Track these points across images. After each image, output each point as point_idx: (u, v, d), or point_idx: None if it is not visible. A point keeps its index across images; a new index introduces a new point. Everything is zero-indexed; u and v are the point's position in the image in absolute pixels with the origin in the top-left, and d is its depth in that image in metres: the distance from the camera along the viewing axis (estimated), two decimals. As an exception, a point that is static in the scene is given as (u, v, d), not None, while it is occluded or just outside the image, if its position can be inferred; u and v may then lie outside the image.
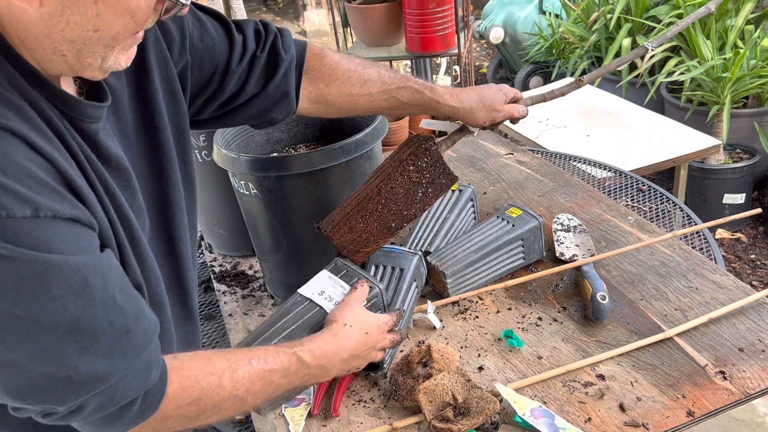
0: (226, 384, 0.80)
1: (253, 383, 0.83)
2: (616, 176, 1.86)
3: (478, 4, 5.59)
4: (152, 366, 0.72)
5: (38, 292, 0.60)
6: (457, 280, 1.31)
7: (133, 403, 0.72)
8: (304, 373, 0.89)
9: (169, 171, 0.87)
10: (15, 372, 0.63)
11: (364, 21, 2.70)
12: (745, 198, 3.03)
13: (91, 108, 0.72)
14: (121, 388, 0.69)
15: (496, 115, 1.19)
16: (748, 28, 3.16)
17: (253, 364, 0.83)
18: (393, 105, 1.13)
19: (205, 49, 0.93)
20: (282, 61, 1.00)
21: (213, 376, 0.79)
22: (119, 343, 0.68)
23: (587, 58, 3.87)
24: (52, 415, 0.68)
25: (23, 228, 0.58)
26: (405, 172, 1.12)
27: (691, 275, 1.30)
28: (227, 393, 0.80)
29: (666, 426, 0.98)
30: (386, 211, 1.12)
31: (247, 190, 1.27)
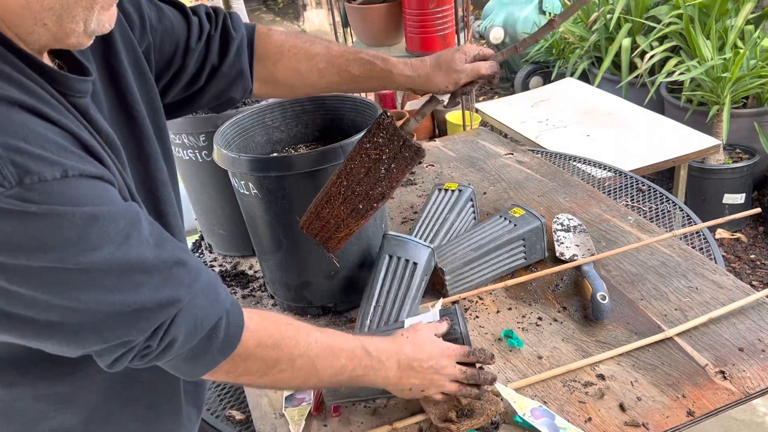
0: (302, 341, 0.83)
1: (323, 351, 0.86)
2: (616, 176, 1.86)
3: (478, 4, 5.59)
4: (218, 287, 0.76)
5: (81, 244, 0.63)
6: (456, 277, 1.31)
7: (217, 329, 0.75)
8: (366, 364, 0.91)
9: (148, 149, 0.88)
10: (86, 316, 0.66)
11: (364, 21, 2.70)
12: (745, 198, 3.03)
13: (78, 82, 0.72)
14: (196, 309, 0.73)
15: (458, 77, 1.12)
16: (748, 28, 3.16)
17: (325, 334, 0.87)
18: (345, 79, 1.12)
19: (165, 30, 0.96)
20: (233, 39, 1.04)
21: (290, 327, 0.83)
22: (173, 273, 0.71)
23: (587, 58, 3.87)
24: (147, 354, 0.72)
25: (56, 189, 0.61)
26: (362, 150, 1.08)
27: (691, 275, 1.30)
28: (302, 349, 0.83)
29: (666, 426, 0.99)
30: (350, 193, 1.09)
31: (247, 190, 1.27)
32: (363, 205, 1.08)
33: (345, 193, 1.09)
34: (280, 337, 0.82)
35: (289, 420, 1.09)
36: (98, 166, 0.67)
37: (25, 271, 0.61)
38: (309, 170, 1.21)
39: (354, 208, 1.09)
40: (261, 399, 1.16)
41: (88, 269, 0.64)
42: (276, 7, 9.16)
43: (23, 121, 0.61)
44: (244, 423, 1.18)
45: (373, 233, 1.35)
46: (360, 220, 1.09)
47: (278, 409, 1.13)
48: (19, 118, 0.61)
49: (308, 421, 1.09)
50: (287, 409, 1.12)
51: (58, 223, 0.61)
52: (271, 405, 1.14)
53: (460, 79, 1.12)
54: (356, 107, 1.42)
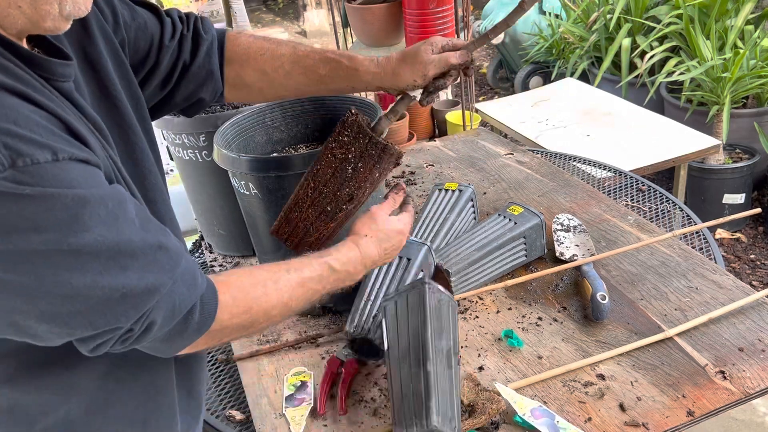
0: (271, 292, 0.86)
1: (294, 290, 0.89)
2: (616, 176, 1.86)
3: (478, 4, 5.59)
4: (195, 273, 0.78)
5: (74, 226, 0.64)
6: (461, 278, 1.31)
7: (192, 312, 0.77)
8: (334, 278, 0.96)
9: (133, 137, 0.89)
10: (77, 301, 0.67)
11: (363, 21, 2.70)
12: (745, 198, 3.03)
13: (60, 66, 0.73)
14: (176, 296, 0.74)
15: (425, 69, 1.07)
16: (748, 28, 3.16)
17: (291, 273, 0.90)
18: (312, 79, 1.11)
19: (138, 27, 0.97)
20: (203, 40, 1.05)
21: (259, 285, 0.86)
22: (156, 257, 0.72)
23: (587, 59, 3.87)
24: (128, 339, 0.73)
25: (48, 171, 0.62)
26: (328, 150, 1.05)
27: (691, 275, 1.30)
28: (274, 300, 0.87)
29: (666, 426, 0.99)
30: (318, 195, 1.06)
31: (247, 190, 1.27)
32: (331, 207, 1.06)
33: (312, 195, 1.06)
34: (252, 301, 0.84)
35: (289, 420, 1.09)
36: (84, 150, 0.67)
37: (18, 256, 0.62)
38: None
39: (322, 210, 1.06)
40: (261, 399, 1.16)
41: (80, 251, 0.64)
42: (276, 7, 9.15)
43: (12, 105, 0.62)
44: (244, 423, 1.18)
45: (373, 233, 1.35)
46: (329, 222, 1.06)
47: (278, 409, 1.13)
48: (7, 102, 0.61)
49: (309, 421, 1.09)
50: (287, 409, 1.12)
51: (51, 204, 0.62)
52: (271, 405, 1.14)
53: (427, 70, 1.07)
54: (356, 107, 1.42)
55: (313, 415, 1.10)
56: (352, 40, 2.98)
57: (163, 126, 1.56)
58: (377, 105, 1.36)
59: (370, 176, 1.05)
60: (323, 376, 1.16)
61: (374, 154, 1.04)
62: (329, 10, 2.93)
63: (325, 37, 7.49)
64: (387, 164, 1.06)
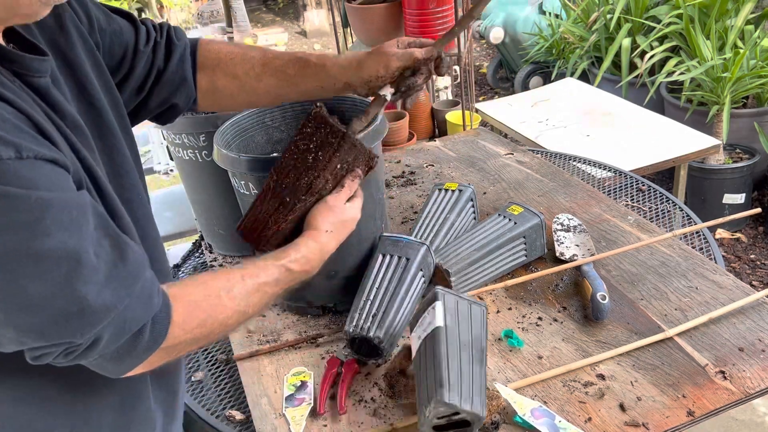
0: (226, 302, 0.85)
1: (251, 296, 0.88)
2: (616, 176, 1.86)
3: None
4: (153, 292, 0.76)
5: (36, 229, 0.62)
6: (461, 278, 1.31)
7: (142, 331, 0.75)
8: (291, 279, 0.96)
9: (111, 139, 0.89)
10: (33, 311, 0.65)
11: (363, 21, 2.70)
12: (745, 198, 3.03)
13: (36, 62, 0.72)
14: (129, 314, 0.72)
15: (388, 60, 1.06)
16: (748, 28, 3.16)
17: (246, 280, 0.89)
18: (282, 81, 1.10)
19: (113, 32, 0.97)
20: (176, 46, 1.06)
21: (212, 296, 0.84)
22: (115, 272, 0.70)
23: (587, 58, 3.87)
24: (73, 352, 0.71)
25: (10, 169, 0.60)
26: (291, 142, 1.05)
27: (691, 275, 1.30)
28: (229, 310, 0.86)
29: (666, 426, 0.99)
30: (278, 186, 1.04)
31: (247, 190, 1.27)
32: (290, 198, 1.04)
33: (273, 186, 1.05)
34: (205, 314, 0.83)
35: (289, 420, 1.09)
36: (52, 149, 0.66)
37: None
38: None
39: (281, 201, 1.04)
40: (261, 399, 1.16)
41: (41, 257, 0.62)
42: (276, 7, 9.15)
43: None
44: (244, 423, 1.18)
45: (373, 234, 1.35)
46: (288, 214, 1.03)
47: (278, 409, 1.13)
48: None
49: (309, 421, 1.09)
50: (287, 409, 1.12)
51: (13, 204, 0.60)
52: (271, 405, 1.14)
53: (390, 62, 1.06)
54: (356, 107, 1.42)
55: (313, 415, 1.10)
56: (352, 40, 2.98)
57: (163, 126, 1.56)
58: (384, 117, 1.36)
59: (330, 165, 1.02)
60: (323, 376, 1.16)
61: (333, 143, 1.02)
62: (329, 10, 2.93)
63: (325, 37, 7.48)
64: (349, 155, 1.03)
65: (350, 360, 1.18)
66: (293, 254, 0.96)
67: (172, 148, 1.60)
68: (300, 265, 0.96)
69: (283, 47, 7.37)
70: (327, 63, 1.09)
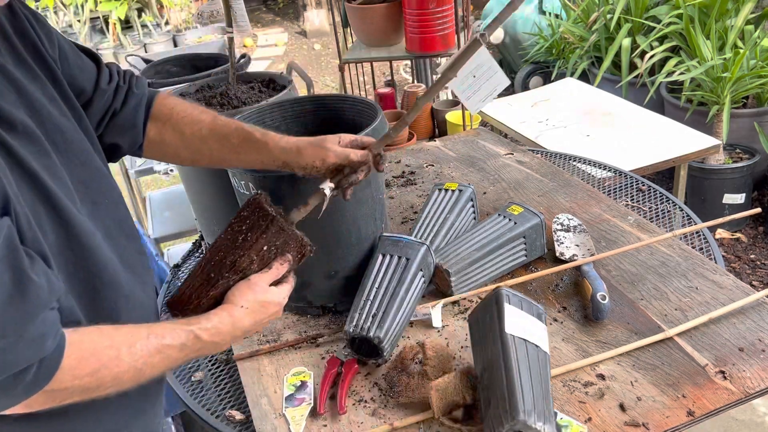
0: (124, 357, 0.83)
1: (152, 356, 0.87)
2: (616, 176, 1.86)
3: (478, 4, 5.59)
4: (47, 335, 0.74)
5: None
6: (461, 278, 1.31)
7: (26, 372, 0.73)
8: (198, 347, 0.94)
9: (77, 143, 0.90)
10: None
11: (363, 21, 2.70)
12: (745, 198, 3.03)
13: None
14: (13, 353, 0.70)
15: (326, 153, 1.10)
16: (748, 28, 3.16)
17: (151, 339, 0.87)
18: (226, 147, 1.14)
19: (78, 65, 1.02)
20: (134, 94, 1.11)
21: (111, 349, 0.83)
22: (8, 308, 0.69)
23: (587, 58, 3.87)
24: None
25: None
26: (229, 225, 1.08)
27: (691, 275, 1.30)
28: (126, 365, 0.84)
29: (666, 426, 0.99)
30: (207, 264, 1.06)
31: (247, 190, 1.27)
32: (214, 274, 1.05)
33: (204, 264, 1.06)
34: (100, 365, 0.81)
35: (289, 420, 1.09)
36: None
37: None
38: (309, 170, 1.21)
39: (207, 277, 1.05)
40: (261, 399, 1.16)
41: None
42: (276, 7, 9.15)
43: None
44: (244, 423, 1.18)
45: (373, 234, 1.35)
46: (210, 290, 1.04)
47: (278, 409, 1.13)
48: None
49: (309, 421, 1.09)
50: (287, 409, 1.12)
51: None
52: (271, 405, 1.14)
53: (327, 157, 1.10)
54: (356, 107, 1.42)
55: (313, 415, 1.10)
56: (352, 40, 2.99)
57: (163, 126, 1.56)
58: (377, 105, 1.36)
59: (255, 246, 1.04)
60: (323, 376, 1.16)
61: (262, 225, 1.05)
62: (329, 10, 2.93)
63: (325, 37, 7.48)
64: (276, 239, 1.04)
65: (350, 360, 1.18)
66: (204, 323, 0.95)
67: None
68: (210, 334, 0.94)
69: (283, 47, 7.37)
70: (270, 142, 1.12)
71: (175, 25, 7.21)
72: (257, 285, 1.02)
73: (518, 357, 0.96)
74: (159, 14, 7.28)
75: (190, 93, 1.78)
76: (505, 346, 0.97)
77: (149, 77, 2.70)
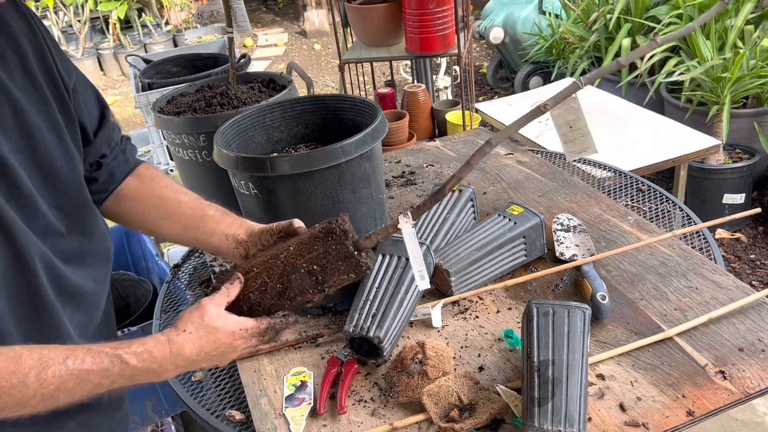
0: (31, 383, 0.80)
1: (65, 381, 0.83)
2: (615, 176, 1.86)
3: (478, 4, 5.59)
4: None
5: None
6: (461, 278, 1.31)
7: None
8: (131, 374, 0.89)
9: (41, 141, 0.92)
10: None
11: (363, 21, 2.70)
12: (745, 198, 3.03)
13: None
14: None
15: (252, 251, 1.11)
16: (748, 28, 3.16)
17: (68, 363, 0.84)
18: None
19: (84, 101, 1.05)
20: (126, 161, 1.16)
21: (16, 375, 0.79)
22: None
23: (587, 58, 3.87)
24: None
25: None
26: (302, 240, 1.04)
27: (691, 275, 1.30)
28: (31, 391, 0.81)
29: (666, 426, 0.99)
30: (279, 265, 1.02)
31: (247, 190, 1.27)
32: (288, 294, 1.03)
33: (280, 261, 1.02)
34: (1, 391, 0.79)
35: (289, 420, 1.09)
36: None
37: None
38: (309, 170, 1.21)
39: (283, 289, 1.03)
40: (261, 399, 1.16)
41: None
42: (276, 7, 9.15)
43: None
44: (244, 423, 1.18)
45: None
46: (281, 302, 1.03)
47: (278, 409, 1.13)
48: None
49: (309, 421, 1.09)
50: (287, 409, 1.12)
51: None
52: (271, 405, 1.14)
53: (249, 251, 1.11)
54: (356, 107, 1.42)
55: (312, 415, 1.10)
56: (352, 40, 2.99)
57: (163, 126, 1.56)
58: (377, 105, 1.36)
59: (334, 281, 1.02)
60: (323, 375, 1.16)
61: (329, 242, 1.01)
62: (329, 10, 2.93)
63: (325, 37, 7.49)
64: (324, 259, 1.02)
65: (350, 360, 1.18)
66: (135, 347, 0.89)
67: (172, 148, 1.60)
68: (140, 360, 0.88)
69: (283, 47, 7.38)
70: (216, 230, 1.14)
71: (175, 25, 7.21)
72: (206, 308, 0.95)
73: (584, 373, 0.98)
74: (159, 14, 7.28)
75: (190, 93, 1.78)
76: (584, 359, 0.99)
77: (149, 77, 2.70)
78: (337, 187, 1.26)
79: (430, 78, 3.33)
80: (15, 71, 0.90)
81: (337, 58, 2.78)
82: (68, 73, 1.00)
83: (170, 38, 6.89)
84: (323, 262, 1.00)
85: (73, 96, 1.00)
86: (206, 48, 3.58)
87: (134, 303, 2.47)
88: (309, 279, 1.01)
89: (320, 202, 1.26)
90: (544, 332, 1.01)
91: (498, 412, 1.02)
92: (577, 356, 0.98)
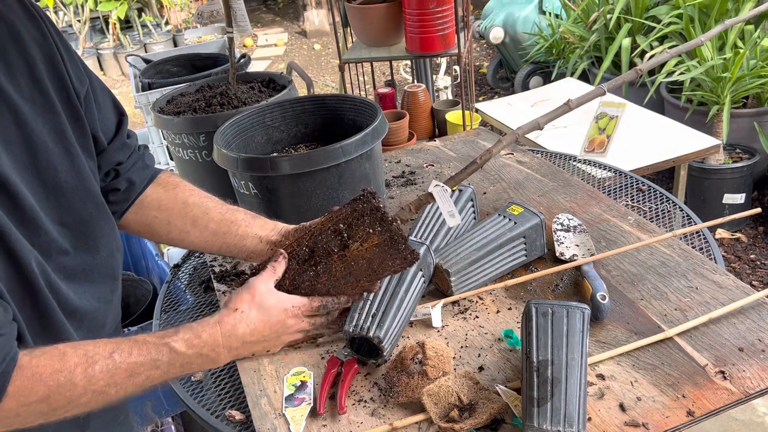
0: (79, 380, 0.79)
1: (114, 376, 0.81)
2: (616, 176, 1.86)
3: (478, 4, 5.59)
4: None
5: None
6: (461, 278, 1.31)
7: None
8: (182, 362, 0.88)
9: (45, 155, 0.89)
10: None
11: (363, 21, 2.70)
12: (745, 198, 3.03)
13: None
14: None
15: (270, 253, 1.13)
16: (748, 28, 3.16)
17: (115, 357, 0.82)
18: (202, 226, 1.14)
19: (99, 109, 1.01)
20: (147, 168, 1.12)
21: (62, 373, 0.78)
22: None
23: (587, 58, 3.87)
24: None
25: None
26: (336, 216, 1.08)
27: (691, 275, 1.30)
28: (81, 389, 0.79)
29: (666, 426, 0.99)
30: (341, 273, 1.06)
31: (247, 190, 1.27)
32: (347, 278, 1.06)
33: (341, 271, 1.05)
34: (51, 390, 0.77)
35: (289, 420, 1.09)
36: None
37: None
38: (309, 170, 1.21)
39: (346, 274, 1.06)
40: (261, 399, 1.16)
41: None
42: (276, 7, 9.15)
43: None
44: (244, 423, 1.18)
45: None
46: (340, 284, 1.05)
47: (278, 409, 1.13)
48: None
49: (309, 421, 1.09)
50: (287, 409, 1.12)
51: None
52: (271, 405, 1.14)
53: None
54: (356, 107, 1.42)
55: (312, 415, 1.10)
56: (352, 40, 2.99)
57: (163, 126, 1.56)
58: (377, 105, 1.36)
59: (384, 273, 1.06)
60: (323, 376, 1.16)
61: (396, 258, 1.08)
62: (329, 10, 2.93)
63: (325, 37, 7.49)
64: None
65: (350, 360, 1.18)
66: (183, 333, 0.88)
67: (172, 148, 1.60)
68: (189, 345, 0.87)
69: (283, 47, 7.38)
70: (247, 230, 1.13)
71: (175, 25, 7.21)
72: (255, 286, 0.94)
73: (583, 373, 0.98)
74: (159, 14, 7.29)
75: (190, 93, 1.78)
76: (583, 359, 0.99)
77: (149, 77, 2.70)
78: (337, 186, 1.26)
79: (430, 78, 3.33)
80: (21, 79, 0.87)
81: (337, 58, 2.78)
82: (80, 80, 0.96)
83: (170, 38, 6.89)
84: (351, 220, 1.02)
85: (85, 103, 0.97)
86: (206, 48, 3.58)
87: (134, 303, 2.47)
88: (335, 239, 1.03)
89: (320, 202, 1.26)
90: (543, 332, 1.01)
91: (498, 412, 1.02)
92: (576, 356, 0.98)
